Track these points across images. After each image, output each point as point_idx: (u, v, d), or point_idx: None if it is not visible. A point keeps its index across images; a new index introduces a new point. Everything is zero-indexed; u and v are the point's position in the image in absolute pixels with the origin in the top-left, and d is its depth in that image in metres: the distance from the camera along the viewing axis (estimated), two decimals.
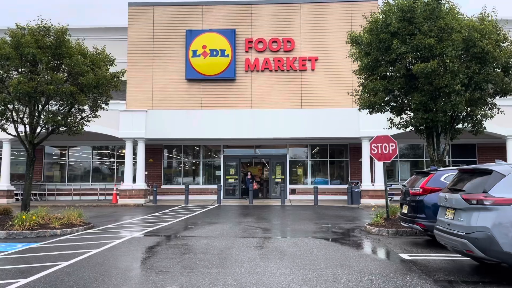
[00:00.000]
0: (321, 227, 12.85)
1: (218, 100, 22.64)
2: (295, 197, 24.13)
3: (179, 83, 22.85)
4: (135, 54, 22.96)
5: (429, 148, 12.54)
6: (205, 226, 13.02)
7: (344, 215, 16.54)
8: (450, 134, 12.32)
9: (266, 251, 8.85)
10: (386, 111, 13.18)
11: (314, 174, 25.16)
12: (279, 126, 21.92)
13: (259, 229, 12.27)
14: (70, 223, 12.18)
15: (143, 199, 21.95)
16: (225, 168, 24.98)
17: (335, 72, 22.44)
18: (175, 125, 22.19)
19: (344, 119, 21.68)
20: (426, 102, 11.61)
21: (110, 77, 13.58)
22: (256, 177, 26.56)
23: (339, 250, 9.01)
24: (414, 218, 9.40)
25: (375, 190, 21.44)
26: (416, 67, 10.97)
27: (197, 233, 11.55)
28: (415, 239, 10.57)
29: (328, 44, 22.62)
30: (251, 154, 25.42)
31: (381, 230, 11.41)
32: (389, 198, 22.13)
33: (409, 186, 10.13)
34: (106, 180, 25.76)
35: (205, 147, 25.53)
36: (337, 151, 25.37)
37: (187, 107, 22.59)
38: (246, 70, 22.76)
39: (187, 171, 25.71)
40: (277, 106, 22.34)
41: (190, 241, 10.11)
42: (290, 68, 22.67)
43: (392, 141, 12.61)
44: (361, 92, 13.18)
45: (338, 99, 22.20)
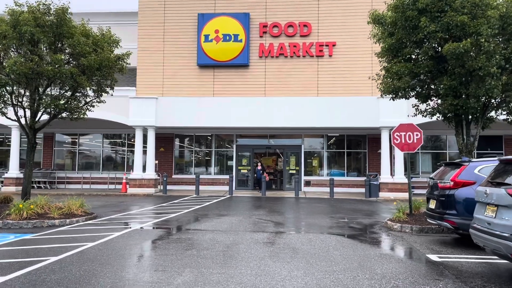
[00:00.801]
0: (337, 222, 11.93)
1: (230, 87, 21.75)
2: (309, 189, 23.19)
3: (190, 69, 22.02)
4: (146, 39, 22.19)
5: (457, 137, 11.44)
6: (214, 218, 12.23)
7: (362, 209, 15.56)
8: (482, 122, 11.19)
9: (277, 248, 7.99)
10: (411, 97, 12.08)
11: (330, 165, 24.14)
12: (294, 115, 20.95)
13: (270, 223, 11.42)
14: (70, 213, 11.52)
15: (153, 188, 21.32)
16: (238, 158, 24.16)
17: (354, 58, 21.29)
18: (186, 113, 21.42)
19: (363, 108, 20.59)
20: (456, 86, 10.49)
21: (114, 59, 12.80)
22: (269, 168, 25.70)
23: (358, 248, 8.09)
24: (443, 215, 8.40)
25: (395, 183, 20.37)
26: (446, 47, 9.85)
27: (203, 226, 10.76)
28: (442, 237, 9.57)
29: (346, 28, 21.45)
30: (264, 144, 24.52)
31: (403, 226, 10.43)
32: None
33: (437, 178, 9.10)
34: (117, 169, 25.23)
35: (217, 137, 24.73)
36: (354, 142, 24.27)
37: (199, 94, 21.78)
38: (260, 56, 21.78)
39: (198, 161, 25.00)
40: (292, 94, 21.35)
41: (195, 235, 9.32)
42: (307, 54, 21.59)
43: (417, 129, 11.55)
44: (383, 76, 12.10)
45: (356, 87, 21.11)
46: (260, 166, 22.09)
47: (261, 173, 21.58)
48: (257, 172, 22.16)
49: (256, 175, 22.22)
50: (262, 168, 22.10)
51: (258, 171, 21.99)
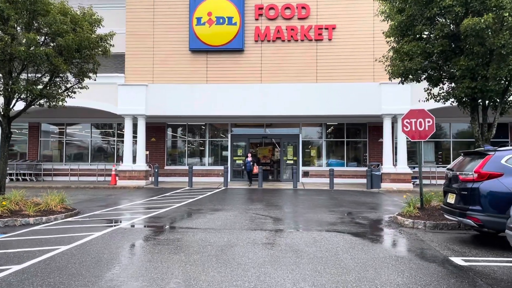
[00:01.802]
0: (341, 216, 10.95)
1: (224, 73, 20.59)
2: (308, 180, 22.23)
3: (182, 54, 20.81)
4: (134, 23, 20.91)
5: (473, 124, 10.44)
6: (207, 214, 11.21)
7: (365, 201, 14.62)
8: (500, 107, 10.19)
9: (278, 251, 6.99)
10: (422, 80, 11.03)
11: (329, 155, 23.15)
12: (292, 102, 19.88)
13: (269, 219, 10.42)
14: (49, 209, 10.46)
15: (143, 180, 20.26)
16: (233, 148, 23.11)
17: (355, 42, 20.17)
18: (178, 100, 20.29)
19: (364, 95, 19.55)
20: (474, 68, 9.46)
21: (95, 40, 11.63)
22: (265, 158, 24.67)
23: (370, 250, 7.11)
24: (465, 211, 7.41)
25: (398, 173, 19.44)
26: (465, 23, 8.79)
27: (196, 223, 9.74)
28: (459, 235, 8.63)
29: (347, 10, 20.29)
30: (260, 134, 23.46)
31: (416, 222, 9.47)
32: (412, 181, 20.30)
33: (457, 170, 8.11)
34: (107, 160, 24.09)
35: (212, 126, 23.63)
36: (354, 131, 23.26)
37: (191, 81, 20.61)
38: (255, 40, 20.60)
39: (192, 151, 23.92)
40: (289, 80, 20.24)
41: (185, 235, 8.30)
42: (305, 38, 20.43)
43: (429, 116, 10.53)
44: (391, 58, 11.04)
45: (357, 72, 20.04)
46: (251, 157, 20.54)
47: (251, 165, 20.25)
48: (246, 164, 20.51)
49: (246, 167, 20.56)
50: (252, 159, 20.62)
51: (248, 162, 20.41)
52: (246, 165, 20.45)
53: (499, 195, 7.08)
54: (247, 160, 20.48)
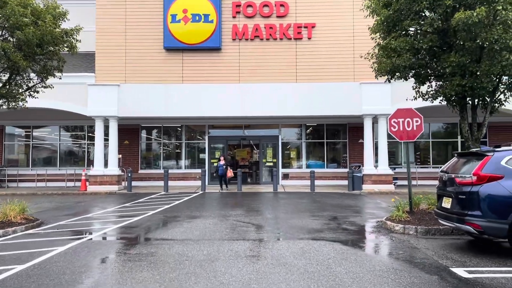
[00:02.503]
0: (327, 222, 10.35)
1: (201, 72, 19.78)
2: (288, 183, 21.65)
3: (156, 53, 19.87)
4: (105, 20, 19.84)
5: (463, 124, 10.03)
6: (184, 222, 10.41)
7: (349, 204, 14.11)
8: (490, 106, 9.81)
9: (264, 265, 6.30)
10: (410, 78, 10.56)
11: (308, 157, 22.65)
12: (271, 102, 19.25)
13: (251, 227, 9.72)
14: (7, 221, 9.45)
15: (116, 186, 19.20)
16: (211, 150, 22.30)
17: (335, 41, 19.72)
18: (152, 101, 19.34)
19: (345, 95, 19.12)
20: (465, 64, 9.04)
21: (59, 34, 10.66)
22: (244, 161, 23.98)
23: (365, 262, 6.50)
24: (463, 216, 6.91)
25: (379, 174, 19.07)
26: (457, 16, 8.34)
27: (171, 233, 8.94)
28: (454, 241, 8.15)
29: (326, 8, 19.83)
30: (239, 135, 22.74)
31: (407, 227, 8.96)
32: (393, 183, 20.00)
33: (452, 172, 7.62)
34: (78, 165, 22.86)
35: (188, 128, 22.75)
36: (334, 132, 22.84)
37: (166, 81, 19.70)
38: (233, 39, 19.87)
39: (168, 154, 22.97)
40: (268, 80, 19.60)
41: (160, 248, 7.50)
42: (284, 37, 19.85)
43: (417, 115, 10.07)
44: (377, 55, 10.53)
45: (337, 72, 19.59)
46: (223, 161, 19.11)
47: (224, 168, 18.91)
48: (219, 167, 19.02)
49: (218, 171, 19.06)
50: (226, 162, 19.20)
51: (221, 166, 18.95)
52: (219, 169, 19.04)
53: (500, 199, 6.61)
54: (220, 164, 19.12)
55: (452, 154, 8.20)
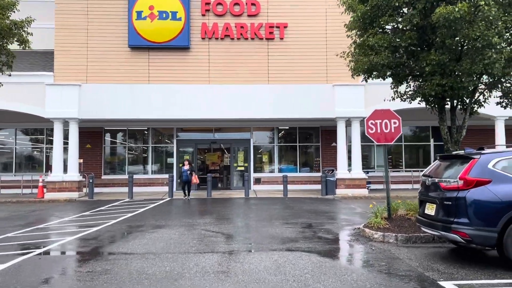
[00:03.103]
0: (302, 230, 9.72)
1: (169, 72, 18.88)
2: (260, 187, 20.99)
3: (120, 51, 18.84)
4: (65, 15, 18.65)
5: (442, 125, 9.65)
6: (147, 232, 9.53)
7: (323, 210, 13.56)
8: (470, 107, 9.47)
9: (235, 282, 5.56)
10: (388, 77, 10.09)
11: (281, 161, 22.07)
12: (243, 104, 18.56)
13: (220, 237, 8.96)
14: None
15: (76, 192, 17.97)
16: (179, 155, 21.36)
17: (307, 42, 19.29)
18: (116, 102, 18.27)
19: (318, 97, 18.67)
20: (445, 63, 8.64)
21: (7, 26, 9.62)
22: (215, 165, 23.15)
23: (346, 276, 5.87)
24: (449, 224, 6.40)
25: (353, 178, 18.69)
26: (438, 11, 7.92)
27: (132, 246, 8.06)
28: (436, 249, 7.68)
29: (298, 8, 19.41)
30: (209, 139, 21.92)
31: (386, 235, 8.43)
32: (366, 187, 19.68)
33: (435, 176, 7.13)
34: (36, 170, 21.40)
35: (155, 131, 21.73)
36: (306, 135, 22.37)
37: (131, 80, 18.68)
38: (202, 38, 19.10)
39: (134, 158, 21.85)
40: (240, 81, 18.93)
41: (117, 264, 6.63)
42: (255, 36, 19.24)
43: (394, 116, 9.62)
44: (353, 53, 10.03)
45: (310, 74, 19.18)
46: (188, 165, 17.58)
47: (187, 174, 17.38)
48: (183, 173, 17.56)
49: (182, 177, 17.61)
50: (190, 168, 17.67)
51: (185, 171, 17.45)
52: (183, 174, 17.55)
53: (488, 205, 6.15)
54: (184, 169, 17.55)
55: (435, 157, 7.69)
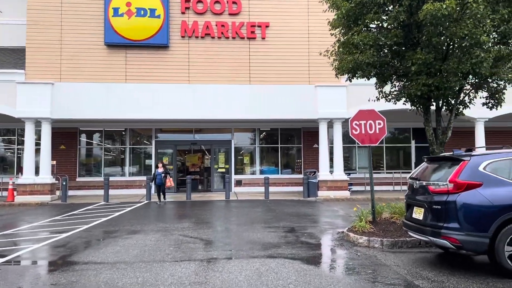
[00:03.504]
0: (284, 235, 9.34)
1: (147, 71, 18.28)
2: (241, 189, 20.56)
3: (96, 49, 18.13)
4: (38, 11, 17.83)
5: (427, 126, 9.42)
6: (121, 238, 8.99)
7: (305, 213, 13.24)
8: (456, 108, 9.27)
9: None
10: (372, 77, 9.82)
11: (262, 162, 21.68)
12: (224, 105, 18.11)
13: (199, 243, 8.50)
14: None
15: (49, 195, 17.17)
16: (158, 156, 20.73)
17: (289, 42, 18.98)
18: (91, 102, 17.56)
19: (300, 98, 18.37)
20: (431, 62, 8.40)
21: None
22: (195, 167, 22.63)
23: (332, 286, 5.51)
24: (439, 229, 6.11)
25: (335, 180, 18.45)
26: (426, 8, 7.66)
27: (103, 254, 7.52)
28: (423, 254, 7.41)
29: (281, 7, 19.08)
30: (189, 140, 21.37)
31: (371, 240, 8.12)
32: (348, 189, 19.47)
33: (423, 179, 6.85)
34: (7, 172, 20.46)
35: (133, 131, 21.05)
36: (288, 136, 22.05)
37: (108, 79, 17.99)
38: (182, 36, 18.57)
39: (110, 160, 21.11)
40: (220, 81, 18.47)
41: (84, 276, 6.10)
42: (237, 35, 18.82)
43: (379, 117, 9.36)
44: (337, 52, 9.72)
45: (292, 74, 18.86)
46: (162, 168, 16.31)
47: (162, 177, 16.08)
48: (156, 176, 16.19)
49: (156, 180, 16.20)
50: (165, 170, 16.35)
51: (159, 174, 16.13)
52: (156, 177, 16.18)
53: (480, 209, 5.88)
54: (158, 172, 16.23)
55: (422, 159, 7.41)
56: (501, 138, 21.03)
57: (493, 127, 20.80)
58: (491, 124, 19.78)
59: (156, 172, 16.32)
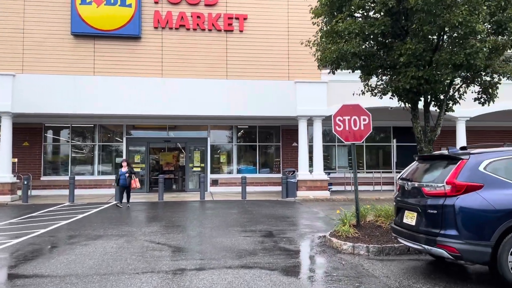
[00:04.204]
0: (261, 240, 8.55)
1: (117, 64, 17.18)
2: (217, 189, 19.69)
3: (62, 39, 16.92)
4: None
5: (415, 123, 8.80)
6: (78, 245, 8.02)
7: (284, 214, 12.50)
8: (446, 103, 8.67)
9: None
10: (357, 69, 9.12)
11: (239, 161, 20.85)
12: (199, 101, 17.20)
13: (166, 250, 7.62)
14: None
15: (9, 195, 15.89)
16: (130, 154, 19.64)
17: (268, 35, 18.22)
18: (57, 95, 16.36)
19: (279, 94, 17.64)
20: (421, 53, 7.75)
21: None
22: (169, 166, 21.64)
23: None
24: (434, 237, 5.43)
25: (314, 180, 17.79)
26: None
27: (53, 265, 6.56)
28: (413, 262, 6.75)
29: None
30: (163, 137, 20.36)
31: (356, 246, 7.41)
32: (328, 188, 18.85)
33: (415, 179, 6.17)
34: None
35: (103, 128, 19.88)
36: (266, 135, 21.29)
37: (75, 72, 16.83)
38: (155, 27, 17.55)
39: (78, 158, 19.87)
40: (196, 75, 17.56)
41: None
42: (213, 28, 17.93)
43: (364, 112, 8.66)
44: (321, 42, 8.98)
45: (271, 69, 18.13)
46: (126, 167, 14.31)
47: (126, 177, 14.13)
48: (120, 176, 14.19)
49: (119, 181, 14.19)
50: (130, 169, 14.39)
51: (122, 174, 14.15)
52: (120, 177, 14.20)
53: (481, 214, 5.22)
54: (121, 171, 14.27)
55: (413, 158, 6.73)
56: (481, 138, 20.84)
57: (474, 127, 20.57)
58: (471, 123, 19.52)
59: (120, 172, 14.31)
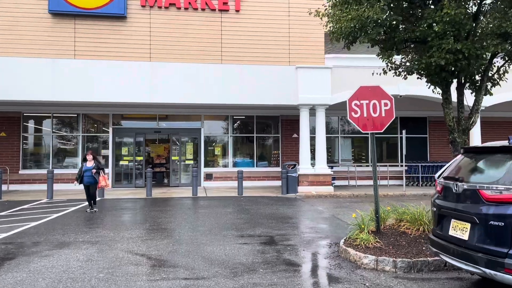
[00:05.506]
0: (261, 249, 7.08)
1: (100, 46, 15.58)
2: (211, 184, 18.23)
3: (39, 18, 15.28)
4: None
5: (446, 108, 7.31)
6: (37, 256, 6.53)
7: (286, 214, 11.05)
8: (485, 82, 7.17)
9: None
10: (378, 43, 7.58)
11: (236, 154, 19.37)
12: (191, 87, 15.67)
13: (144, 264, 6.14)
14: None
15: None
16: (116, 146, 18.11)
17: (267, 16, 16.66)
18: (34, 81, 14.79)
19: (278, 80, 16.13)
20: (461, 20, 6.24)
21: None
22: (160, 158, 20.15)
23: None
24: (502, 258, 3.98)
25: (317, 174, 16.36)
26: None
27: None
28: (454, 283, 5.33)
29: None
30: (152, 128, 18.80)
31: (380, 261, 5.96)
32: (331, 183, 17.40)
33: (467, 179, 4.69)
34: None
35: (88, 117, 18.31)
36: (265, 125, 19.79)
37: (54, 54, 15.23)
38: (142, 5, 15.92)
39: (60, 150, 18.31)
40: (188, 59, 15.99)
41: None
42: (207, 7, 16.32)
43: (386, 96, 7.16)
44: (332, 8, 7.43)
45: (270, 53, 16.61)
46: (92, 161, 11.24)
47: (91, 173, 11.11)
48: (84, 173, 11.15)
49: (83, 178, 11.16)
50: (97, 163, 11.32)
51: (87, 170, 11.14)
52: (84, 174, 11.15)
53: None
54: (85, 166, 11.20)
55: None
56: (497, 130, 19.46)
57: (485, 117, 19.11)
58: (486, 114, 18.03)
59: (84, 167, 11.20)
